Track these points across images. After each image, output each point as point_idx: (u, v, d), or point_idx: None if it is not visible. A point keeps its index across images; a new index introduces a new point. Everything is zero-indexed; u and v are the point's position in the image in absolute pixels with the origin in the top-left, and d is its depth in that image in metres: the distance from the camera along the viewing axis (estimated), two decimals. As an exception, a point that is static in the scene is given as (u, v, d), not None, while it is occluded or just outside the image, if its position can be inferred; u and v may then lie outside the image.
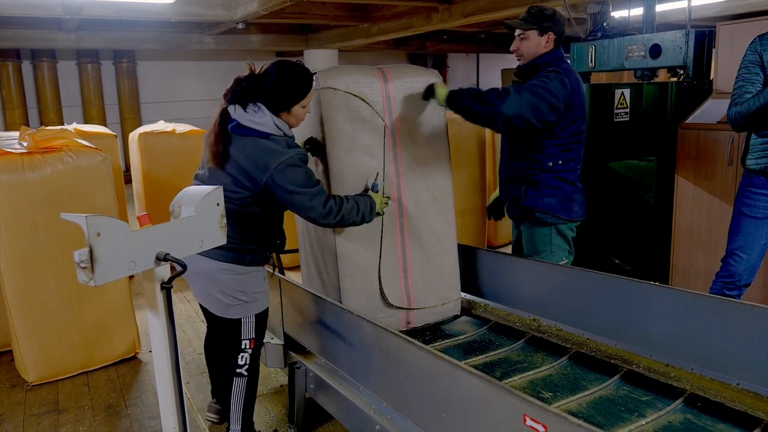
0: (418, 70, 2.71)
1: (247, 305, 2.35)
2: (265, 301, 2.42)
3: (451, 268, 2.78)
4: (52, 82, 11.17)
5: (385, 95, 2.58)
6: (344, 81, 2.52)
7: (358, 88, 2.53)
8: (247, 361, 2.39)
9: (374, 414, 2.07)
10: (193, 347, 3.77)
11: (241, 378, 2.39)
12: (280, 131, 2.20)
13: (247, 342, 2.38)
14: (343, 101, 2.50)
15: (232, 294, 2.31)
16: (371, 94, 2.56)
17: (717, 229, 3.57)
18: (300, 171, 2.18)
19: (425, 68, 2.78)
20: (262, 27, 9.93)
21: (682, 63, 3.88)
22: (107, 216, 1.59)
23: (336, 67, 2.60)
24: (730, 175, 3.48)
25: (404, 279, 2.64)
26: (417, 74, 2.68)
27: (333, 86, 2.48)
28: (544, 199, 2.74)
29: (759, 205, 2.76)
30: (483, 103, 2.50)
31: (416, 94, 2.64)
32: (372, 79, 2.59)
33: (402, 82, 2.63)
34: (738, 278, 2.82)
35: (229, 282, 2.30)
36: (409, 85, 2.64)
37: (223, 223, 1.92)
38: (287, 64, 2.22)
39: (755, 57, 2.67)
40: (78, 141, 3.38)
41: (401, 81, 2.63)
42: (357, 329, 2.15)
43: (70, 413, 3.00)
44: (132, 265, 1.66)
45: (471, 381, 1.62)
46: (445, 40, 12.46)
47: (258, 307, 2.38)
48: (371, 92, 2.56)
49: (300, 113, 2.27)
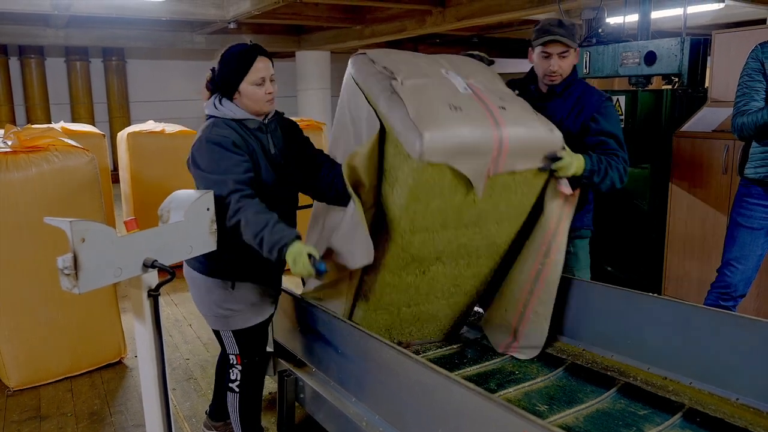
0: (532, 115, 2.17)
1: (223, 319, 2.19)
2: (243, 320, 2.20)
3: None
4: (40, 79, 11.04)
5: (496, 155, 2.00)
6: (449, 143, 1.92)
7: (464, 160, 1.95)
8: (237, 377, 2.27)
9: (366, 426, 2.01)
10: (180, 352, 3.70)
11: (233, 393, 2.29)
12: (219, 112, 2.10)
13: (233, 357, 2.27)
14: (438, 176, 1.96)
15: (204, 303, 2.21)
16: (477, 167, 1.99)
17: (711, 238, 3.55)
18: (209, 150, 1.97)
19: (536, 113, 2.21)
20: (254, 27, 9.86)
21: (677, 71, 3.88)
22: (93, 221, 1.54)
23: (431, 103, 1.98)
24: (725, 184, 3.47)
25: None
26: (535, 125, 2.13)
27: (433, 147, 1.87)
28: (588, 215, 2.69)
29: (755, 216, 2.73)
30: (608, 178, 2.33)
31: (531, 156, 2.11)
32: (484, 135, 1.97)
33: (518, 138, 2.04)
34: (734, 289, 2.80)
35: (195, 290, 2.22)
36: (527, 143, 2.08)
37: (213, 228, 1.87)
38: (228, 48, 2.12)
39: (757, 64, 2.65)
40: (65, 140, 3.30)
41: (517, 132, 2.04)
42: (349, 338, 2.10)
43: (53, 420, 2.92)
44: (118, 272, 1.61)
45: (467, 395, 1.57)
46: (438, 43, 12.44)
47: (235, 323, 2.19)
48: (478, 164, 1.98)
49: (252, 92, 2.06)
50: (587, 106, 2.51)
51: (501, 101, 2.14)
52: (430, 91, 2.05)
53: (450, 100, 2.03)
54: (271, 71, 2.11)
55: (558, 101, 2.55)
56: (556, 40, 2.45)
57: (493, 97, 2.15)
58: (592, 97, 2.53)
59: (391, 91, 2.02)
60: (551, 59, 2.48)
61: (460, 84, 2.17)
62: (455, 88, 2.14)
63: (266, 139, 2.14)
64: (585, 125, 2.49)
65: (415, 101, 1.97)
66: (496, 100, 2.14)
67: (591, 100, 2.52)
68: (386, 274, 2.22)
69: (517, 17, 7.78)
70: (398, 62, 2.19)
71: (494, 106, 2.08)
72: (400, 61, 2.22)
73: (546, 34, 2.47)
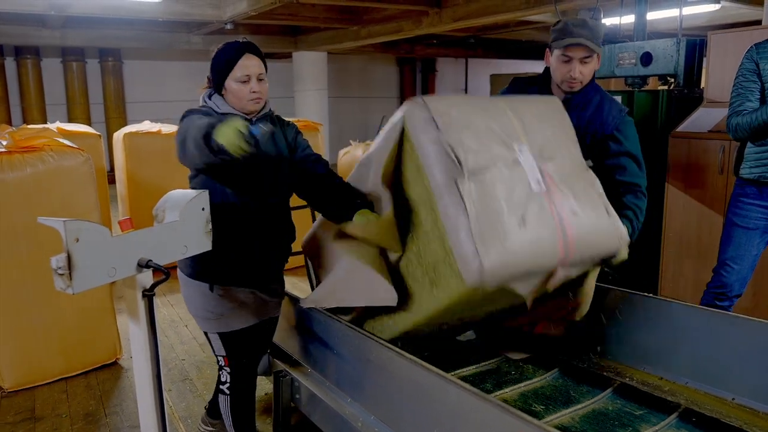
0: (601, 210, 1.97)
1: (207, 321, 2.18)
2: (227, 324, 2.17)
3: None
4: (36, 80, 11.01)
5: (556, 271, 1.87)
6: (510, 271, 1.77)
7: (522, 281, 1.84)
8: (227, 380, 2.25)
9: (361, 427, 2.01)
10: (176, 353, 3.69)
11: (223, 396, 2.28)
12: (205, 105, 2.10)
13: (221, 359, 2.25)
14: (487, 291, 1.78)
15: (191, 304, 2.21)
16: (533, 284, 1.88)
17: (707, 237, 3.56)
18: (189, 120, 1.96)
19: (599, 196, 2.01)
20: (251, 28, 9.85)
21: (673, 71, 3.89)
22: (86, 220, 1.52)
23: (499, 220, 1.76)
24: (721, 184, 3.47)
25: None
26: (603, 226, 1.96)
27: (492, 277, 1.71)
28: None
29: (751, 215, 2.74)
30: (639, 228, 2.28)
31: (590, 263, 1.99)
32: (550, 257, 1.83)
33: (583, 250, 1.90)
34: (729, 289, 2.80)
35: (184, 290, 2.20)
36: (591, 253, 1.93)
37: (208, 228, 1.86)
38: (222, 45, 2.10)
39: (752, 65, 2.66)
40: (60, 140, 3.29)
41: (584, 244, 1.90)
42: (344, 339, 2.10)
43: (47, 421, 2.90)
44: (112, 272, 1.60)
45: (463, 395, 1.57)
46: (434, 44, 12.46)
47: (219, 326, 2.18)
48: (535, 281, 1.88)
49: (237, 89, 2.05)
50: (607, 121, 2.32)
51: (574, 198, 1.91)
52: (498, 190, 1.79)
53: (519, 208, 1.79)
54: (258, 70, 2.07)
55: (574, 111, 2.32)
56: (579, 44, 2.20)
57: (566, 191, 1.91)
58: (611, 111, 2.33)
59: (454, 188, 1.76)
60: (572, 64, 2.25)
61: (533, 172, 1.89)
62: (527, 181, 1.86)
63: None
64: (602, 142, 2.32)
65: (479, 209, 1.73)
66: (568, 198, 1.90)
67: (611, 113, 2.32)
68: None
69: (514, 18, 7.80)
70: (461, 126, 1.87)
71: (566, 212, 1.86)
72: (463, 123, 1.88)
73: (568, 35, 2.22)
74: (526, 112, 2.02)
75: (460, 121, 1.87)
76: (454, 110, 1.90)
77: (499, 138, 1.88)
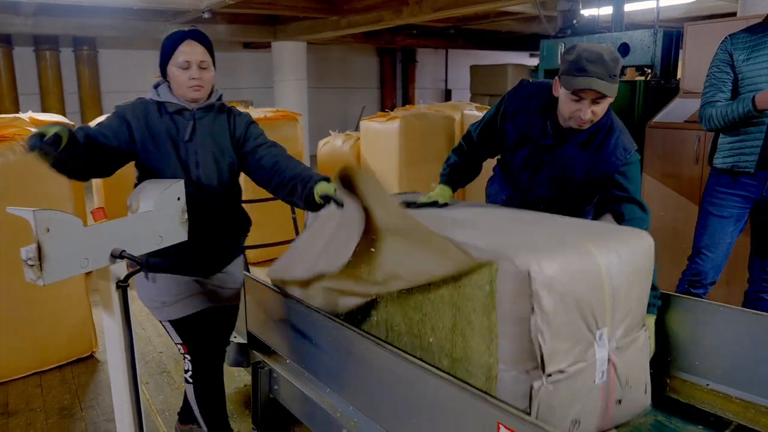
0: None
1: (155, 310, 2.20)
2: (173, 311, 2.18)
3: None
4: (8, 69, 10.73)
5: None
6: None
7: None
8: (189, 368, 2.25)
9: (340, 417, 2.00)
10: (153, 345, 3.65)
11: (189, 385, 2.28)
12: (149, 93, 2.13)
13: (180, 347, 2.25)
14: None
15: (141, 295, 2.22)
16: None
17: (683, 227, 3.60)
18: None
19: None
20: (229, 17, 9.72)
21: (650, 62, 3.92)
22: (57, 210, 1.49)
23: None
24: (697, 174, 3.52)
25: None
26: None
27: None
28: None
29: (725, 204, 2.78)
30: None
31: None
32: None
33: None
34: (704, 276, 2.84)
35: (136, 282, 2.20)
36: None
37: (183, 218, 1.84)
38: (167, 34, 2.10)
39: (726, 56, 2.69)
40: (31, 130, 3.21)
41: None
42: (323, 329, 2.08)
43: (21, 416, 2.85)
44: (84, 263, 1.57)
45: (442, 386, 1.56)
46: (415, 34, 12.42)
47: (168, 314, 2.19)
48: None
49: (176, 74, 2.03)
50: (608, 159, 2.09)
51: (626, 383, 1.80)
52: (565, 392, 1.64)
53: (576, 406, 1.68)
54: (201, 57, 2.05)
55: (575, 147, 2.14)
56: (591, 89, 1.90)
57: (621, 377, 1.78)
58: (616, 150, 2.09)
59: (523, 386, 1.61)
60: (582, 103, 1.96)
61: (602, 365, 1.72)
62: (593, 376, 1.71)
63: (184, 125, 2.07)
64: (600, 180, 2.14)
65: (542, 410, 1.61)
66: (621, 385, 1.79)
67: (615, 153, 2.09)
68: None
69: (493, 9, 7.79)
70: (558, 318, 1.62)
71: (612, 402, 1.78)
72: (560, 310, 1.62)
73: (579, 72, 1.91)
74: (622, 275, 1.74)
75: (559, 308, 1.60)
76: (560, 287, 1.59)
77: (585, 324, 1.67)
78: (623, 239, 1.82)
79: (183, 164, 2.07)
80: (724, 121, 2.64)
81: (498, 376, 1.64)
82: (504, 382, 1.62)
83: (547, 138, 2.15)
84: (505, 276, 1.59)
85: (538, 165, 2.23)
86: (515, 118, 2.23)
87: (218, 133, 2.15)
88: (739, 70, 2.66)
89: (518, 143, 2.25)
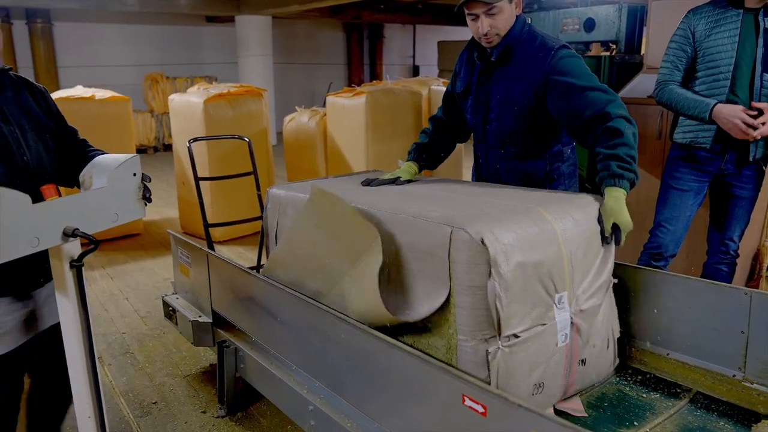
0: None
1: None
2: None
3: None
4: (-43, 42, 10.29)
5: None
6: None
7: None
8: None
9: (307, 394, 1.99)
10: (116, 326, 3.57)
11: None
12: None
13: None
14: None
15: None
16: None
17: (645, 201, 3.66)
18: None
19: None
20: (190, -11, 9.45)
21: (615, 38, 3.94)
22: (2, 187, 1.42)
23: None
24: (659, 149, 3.56)
25: None
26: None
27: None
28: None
29: (685, 178, 2.82)
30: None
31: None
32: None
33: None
34: (664, 249, 2.89)
35: None
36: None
37: (140, 195, 1.77)
38: None
39: (686, 32, 2.71)
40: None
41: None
42: (287, 305, 2.06)
43: (-22, 401, 2.77)
44: (35, 242, 1.50)
45: (407, 359, 1.56)
46: (382, 9, 12.27)
47: None
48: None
49: None
50: (536, 63, 2.10)
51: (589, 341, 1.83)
52: (523, 357, 1.66)
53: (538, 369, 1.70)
54: None
55: (502, 68, 2.19)
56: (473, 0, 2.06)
57: (584, 335, 1.81)
58: (539, 51, 2.11)
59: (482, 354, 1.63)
60: (478, 21, 2.12)
61: (564, 328, 1.75)
62: (555, 339, 1.73)
63: None
64: (546, 92, 2.10)
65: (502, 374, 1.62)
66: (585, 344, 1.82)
67: (538, 53, 2.10)
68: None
69: (461, -17, 7.72)
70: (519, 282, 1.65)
71: (576, 361, 1.80)
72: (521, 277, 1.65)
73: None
74: (578, 238, 1.80)
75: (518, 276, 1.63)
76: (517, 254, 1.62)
77: (544, 288, 1.69)
78: (576, 203, 1.89)
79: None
80: (676, 110, 2.70)
81: (458, 346, 1.66)
82: (464, 352, 1.65)
83: (476, 68, 2.27)
84: (460, 245, 1.59)
85: (485, 102, 2.28)
86: (460, 72, 2.39)
87: (23, 108, 1.93)
88: (699, 45, 2.68)
89: (466, 90, 2.35)
